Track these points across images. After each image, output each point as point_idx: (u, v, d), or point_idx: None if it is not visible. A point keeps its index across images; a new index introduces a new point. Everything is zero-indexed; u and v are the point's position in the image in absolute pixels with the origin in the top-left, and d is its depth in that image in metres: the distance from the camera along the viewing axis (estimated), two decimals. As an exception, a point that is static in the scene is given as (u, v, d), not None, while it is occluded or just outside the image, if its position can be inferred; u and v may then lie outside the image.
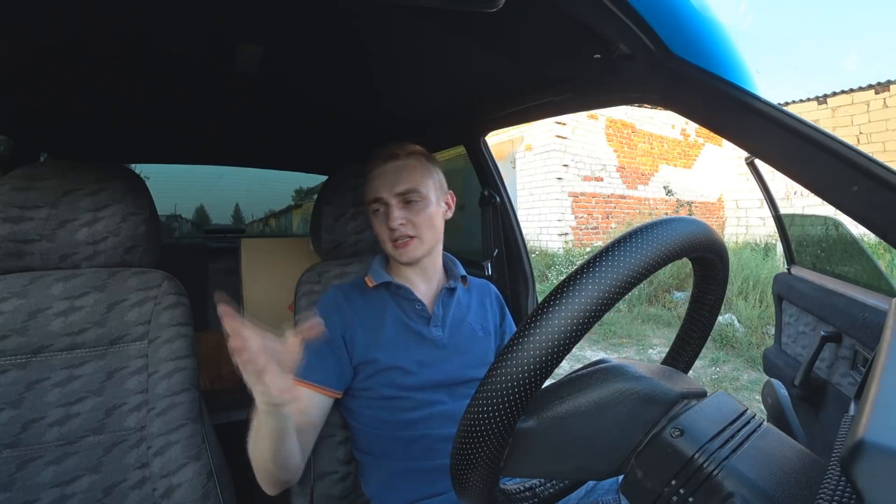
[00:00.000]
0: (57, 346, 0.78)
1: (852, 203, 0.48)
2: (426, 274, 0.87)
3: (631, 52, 0.64)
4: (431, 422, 0.77)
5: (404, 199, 0.81)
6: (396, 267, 0.88)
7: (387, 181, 0.81)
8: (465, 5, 0.56)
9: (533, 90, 0.99)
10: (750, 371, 3.26)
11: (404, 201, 0.81)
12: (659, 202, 7.86)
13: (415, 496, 0.75)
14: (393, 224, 0.79)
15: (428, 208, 0.82)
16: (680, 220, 0.36)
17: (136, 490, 0.76)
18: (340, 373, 0.78)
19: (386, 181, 0.81)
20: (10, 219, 0.77)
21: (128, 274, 0.84)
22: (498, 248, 1.26)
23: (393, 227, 0.79)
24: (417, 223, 0.81)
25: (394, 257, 0.84)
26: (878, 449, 0.25)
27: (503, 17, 0.59)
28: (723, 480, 0.32)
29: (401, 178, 0.81)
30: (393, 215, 0.79)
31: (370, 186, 0.83)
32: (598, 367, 0.40)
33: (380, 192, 0.81)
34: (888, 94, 6.15)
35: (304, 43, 0.85)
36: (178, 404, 0.79)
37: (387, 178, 0.81)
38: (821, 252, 1.23)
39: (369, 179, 0.84)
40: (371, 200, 0.83)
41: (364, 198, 0.86)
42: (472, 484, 0.37)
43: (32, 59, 0.87)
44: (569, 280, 0.32)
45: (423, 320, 0.83)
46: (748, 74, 0.57)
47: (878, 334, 0.65)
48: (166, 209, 2.75)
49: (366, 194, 0.85)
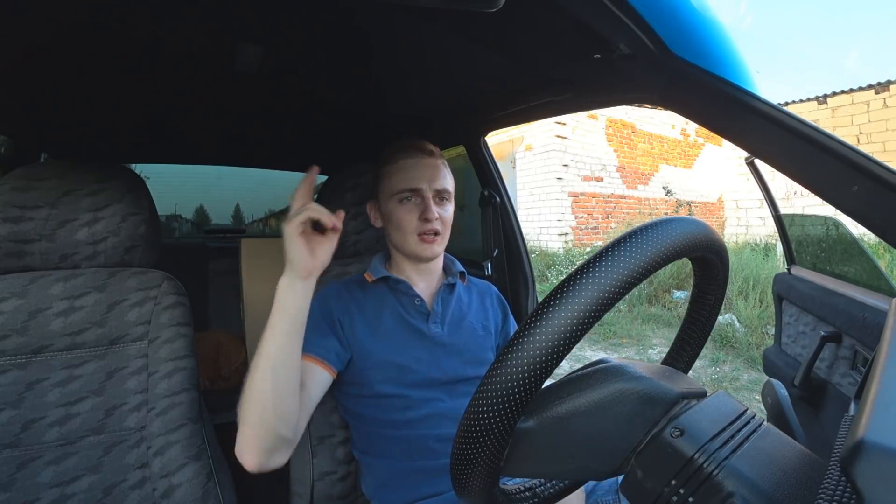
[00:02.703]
0: (57, 346, 0.78)
1: (852, 203, 0.48)
2: (427, 271, 0.87)
3: (631, 52, 0.64)
4: (430, 421, 0.77)
5: (439, 196, 0.83)
6: (396, 264, 0.88)
7: (426, 174, 0.82)
8: (465, 5, 0.56)
9: (533, 90, 0.99)
10: (750, 371, 3.26)
11: (439, 198, 0.83)
12: (659, 202, 7.87)
13: (415, 496, 0.75)
14: (431, 216, 0.80)
15: (452, 208, 0.86)
16: (680, 220, 0.36)
17: (136, 490, 0.76)
18: (338, 352, 0.77)
19: (425, 174, 0.82)
20: (10, 219, 0.77)
21: (128, 274, 0.84)
22: (498, 248, 1.26)
23: (430, 218, 0.80)
24: (445, 221, 0.84)
25: (415, 252, 0.83)
26: (878, 449, 0.25)
27: (503, 17, 0.59)
28: (723, 480, 0.32)
29: (438, 174, 0.83)
30: (432, 209, 0.81)
31: (405, 176, 0.82)
32: (598, 367, 0.40)
33: (419, 184, 0.81)
34: (888, 94, 6.15)
35: (304, 43, 0.85)
36: (177, 404, 0.79)
37: (425, 171, 0.82)
38: (821, 252, 1.23)
39: (401, 168, 0.82)
40: (404, 189, 0.82)
41: (388, 186, 0.83)
42: (472, 484, 0.37)
43: (32, 59, 0.87)
44: (569, 280, 0.32)
45: (422, 316, 0.83)
46: (748, 74, 0.57)
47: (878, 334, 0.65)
48: (166, 209, 2.75)
49: (394, 182, 0.82)
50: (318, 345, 0.75)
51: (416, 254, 0.83)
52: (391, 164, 0.84)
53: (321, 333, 0.76)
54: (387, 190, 0.84)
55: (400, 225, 0.82)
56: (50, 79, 0.97)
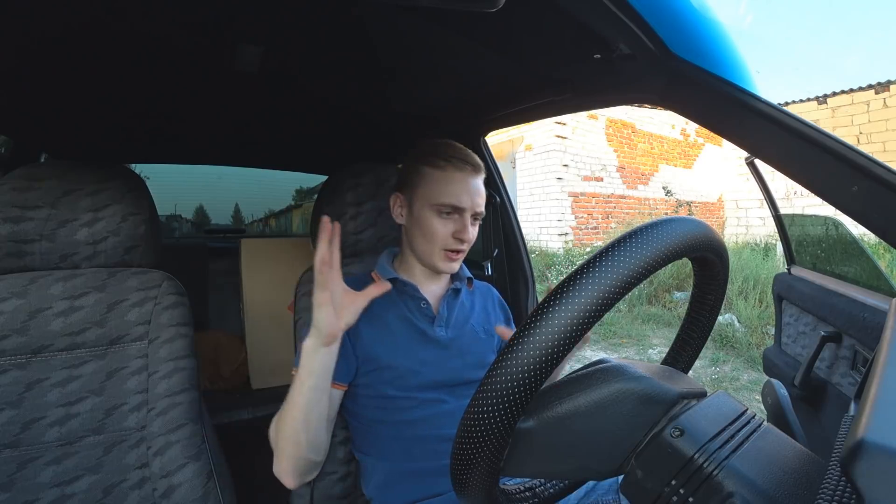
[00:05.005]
0: (57, 346, 0.78)
1: (852, 203, 0.48)
2: (437, 277, 0.88)
3: (631, 52, 0.64)
4: (432, 422, 0.77)
5: (475, 217, 0.83)
6: (406, 266, 0.88)
7: (472, 193, 0.81)
8: (465, 5, 0.56)
9: (533, 90, 0.99)
10: (750, 371, 3.26)
11: (474, 219, 0.83)
12: (659, 202, 7.87)
13: (415, 496, 0.75)
14: (467, 237, 0.80)
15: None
16: (680, 220, 0.35)
17: (136, 490, 0.76)
18: (346, 365, 0.77)
19: (471, 193, 0.81)
20: (10, 219, 0.77)
21: (128, 274, 0.84)
22: (498, 248, 1.26)
23: (465, 240, 0.80)
24: (472, 241, 0.84)
25: (436, 266, 0.83)
26: (878, 449, 0.25)
27: (503, 18, 0.59)
28: (723, 480, 0.32)
29: (481, 195, 0.83)
30: (469, 231, 0.81)
31: (450, 190, 0.79)
32: (597, 367, 0.40)
33: (464, 203, 0.80)
34: (888, 94, 6.15)
35: (304, 43, 0.85)
36: (178, 404, 0.79)
37: (472, 190, 0.81)
38: (821, 252, 1.23)
39: (450, 180, 0.80)
40: (447, 204, 0.79)
41: (428, 192, 0.80)
42: (472, 484, 0.37)
43: (32, 58, 0.87)
44: (568, 280, 0.32)
45: (427, 319, 0.83)
46: (748, 74, 0.57)
47: (878, 334, 0.66)
48: (166, 209, 2.75)
49: (436, 192, 0.80)
50: None
51: (437, 268, 0.83)
52: (438, 168, 0.80)
53: None
54: (426, 195, 0.80)
55: (432, 237, 0.80)
56: (50, 79, 0.97)
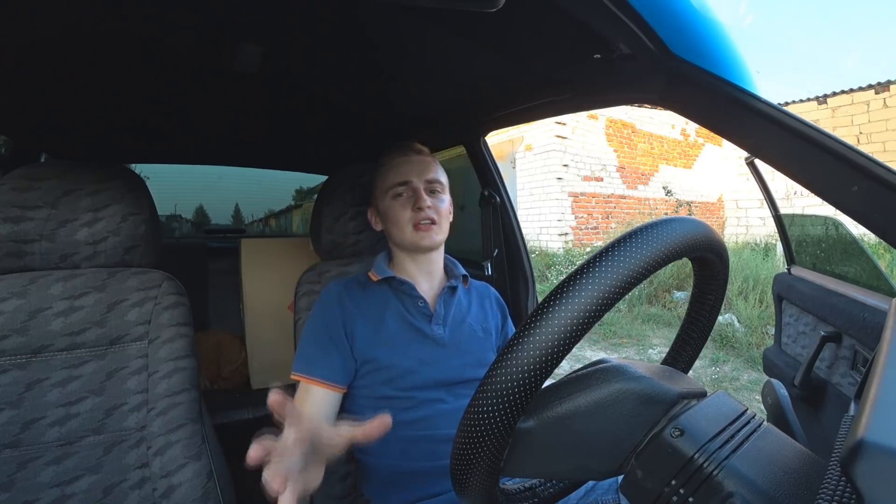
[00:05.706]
0: (57, 346, 0.78)
1: (852, 203, 0.48)
2: (430, 271, 0.88)
3: (631, 52, 0.64)
4: (431, 422, 0.77)
5: (430, 188, 0.85)
6: (399, 264, 0.88)
7: (415, 168, 0.85)
8: (465, 5, 0.56)
9: (533, 90, 0.98)
10: (750, 371, 3.26)
11: (430, 189, 0.85)
12: (659, 202, 7.86)
13: (414, 496, 0.75)
14: (423, 204, 0.82)
15: (446, 201, 0.88)
16: (680, 220, 0.35)
17: (136, 490, 0.76)
18: (344, 367, 0.78)
19: (414, 168, 0.85)
20: (10, 219, 0.77)
21: (128, 274, 0.84)
22: (498, 248, 1.26)
23: (422, 206, 0.82)
24: (439, 211, 0.85)
25: (413, 242, 0.84)
26: (878, 449, 0.25)
27: (503, 18, 0.59)
28: (723, 480, 0.32)
29: (428, 168, 0.87)
30: (423, 197, 0.83)
31: (396, 171, 0.86)
32: (598, 367, 0.40)
33: (409, 176, 0.84)
34: (888, 94, 6.15)
35: (305, 43, 0.85)
36: (178, 404, 0.79)
37: (415, 166, 0.86)
38: (821, 252, 1.23)
39: (393, 167, 0.86)
40: (396, 184, 0.85)
41: (382, 184, 0.87)
42: (472, 484, 0.36)
43: (32, 58, 0.87)
44: (569, 280, 0.32)
45: (424, 317, 0.83)
46: (748, 74, 0.57)
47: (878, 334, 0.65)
48: (166, 209, 2.75)
49: (387, 179, 0.86)
50: (326, 366, 0.77)
51: (415, 244, 0.83)
52: (383, 164, 0.88)
53: (327, 352, 0.78)
54: (381, 188, 0.87)
55: (396, 219, 0.84)
56: (50, 79, 0.97)
